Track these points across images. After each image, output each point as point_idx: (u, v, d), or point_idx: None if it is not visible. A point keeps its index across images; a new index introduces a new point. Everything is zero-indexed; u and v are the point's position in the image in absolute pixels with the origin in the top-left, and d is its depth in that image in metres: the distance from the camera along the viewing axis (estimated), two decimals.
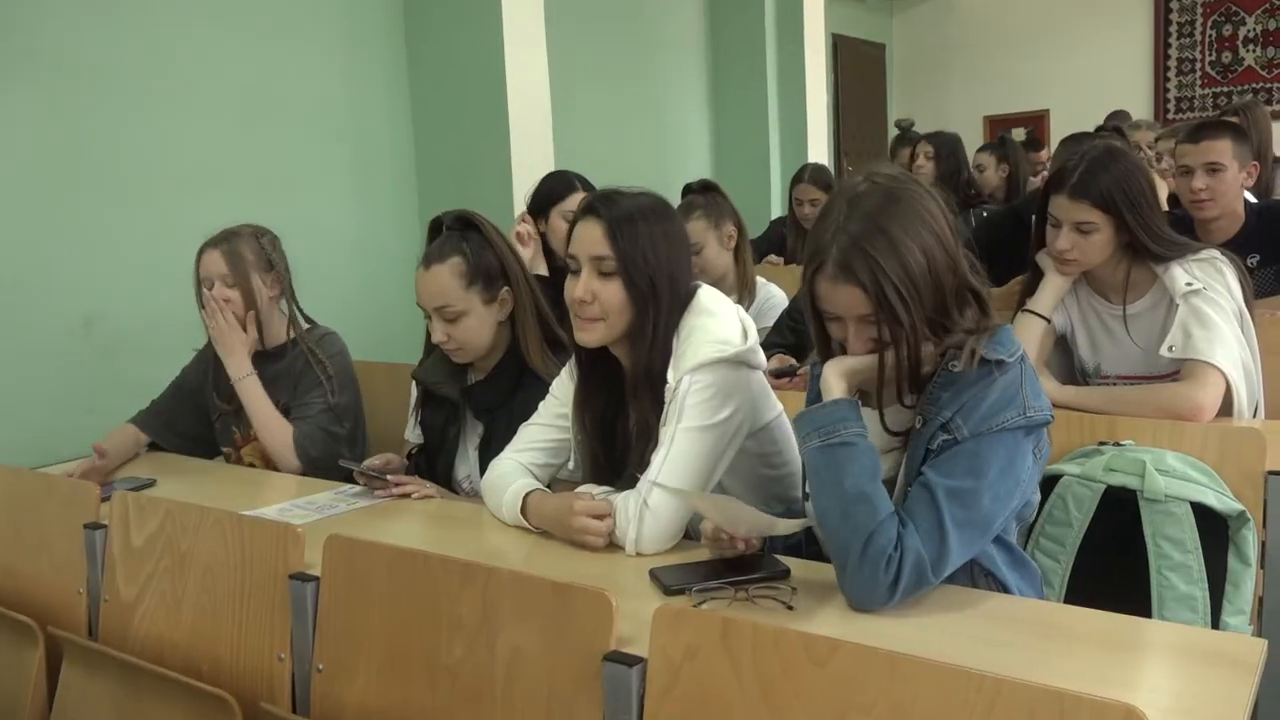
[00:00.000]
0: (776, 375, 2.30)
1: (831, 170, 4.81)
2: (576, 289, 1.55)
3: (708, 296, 1.60)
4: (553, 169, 3.92)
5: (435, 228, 1.99)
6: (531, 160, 3.80)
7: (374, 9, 3.73)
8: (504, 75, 3.73)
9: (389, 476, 1.87)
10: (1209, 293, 1.93)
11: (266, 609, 1.47)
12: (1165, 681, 1.07)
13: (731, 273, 2.78)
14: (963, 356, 1.27)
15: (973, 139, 7.00)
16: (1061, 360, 2.22)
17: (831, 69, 8.17)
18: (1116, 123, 5.79)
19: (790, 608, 1.26)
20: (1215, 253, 2.00)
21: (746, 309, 2.75)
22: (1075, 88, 8.31)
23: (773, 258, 4.27)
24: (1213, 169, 2.55)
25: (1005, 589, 1.32)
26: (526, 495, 1.62)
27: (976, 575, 1.31)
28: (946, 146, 4.36)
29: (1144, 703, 0.92)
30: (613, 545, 1.52)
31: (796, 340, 2.50)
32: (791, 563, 1.39)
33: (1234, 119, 4.16)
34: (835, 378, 1.32)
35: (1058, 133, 8.29)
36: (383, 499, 1.86)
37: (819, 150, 6.28)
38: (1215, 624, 1.47)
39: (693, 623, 1.11)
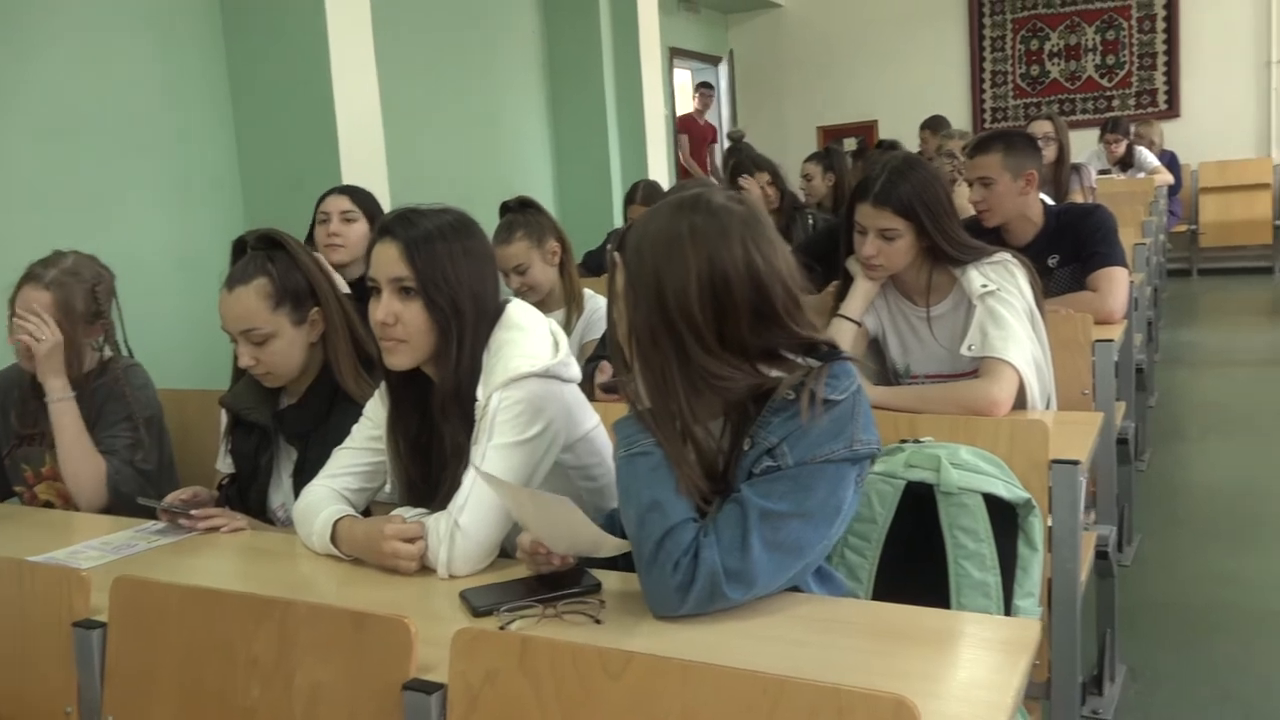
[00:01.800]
0: (606, 390, 2.30)
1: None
2: (378, 312, 1.52)
3: (516, 311, 1.59)
4: (386, 184, 3.84)
5: (239, 248, 1.91)
6: (363, 172, 3.70)
7: (188, 18, 3.58)
8: (330, 86, 3.63)
9: (194, 510, 1.78)
10: (1002, 293, 2.04)
11: (51, 660, 1.37)
12: (944, 669, 1.11)
13: (558, 288, 2.78)
14: (802, 398, 1.25)
15: (808, 148, 7.24)
16: (874, 361, 2.30)
17: (669, 81, 8.32)
18: (931, 128, 6.10)
19: (598, 622, 1.26)
20: (1007, 255, 2.12)
21: (575, 322, 2.77)
22: (901, 99, 8.70)
23: None
24: (985, 182, 2.71)
25: None
26: (336, 522, 1.57)
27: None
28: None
29: (920, 691, 0.96)
30: (428, 568, 1.49)
31: None
32: (608, 576, 1.39)
33: (1047, 123, 4.44)
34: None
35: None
36: (189, 534, 1.77)
37: (659, 161, 6.37)
38: (1008, 608, 1.54)
39: (492, 645, 1.10)
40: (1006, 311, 2.01)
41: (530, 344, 1.54)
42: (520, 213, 2.77)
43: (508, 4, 5.69)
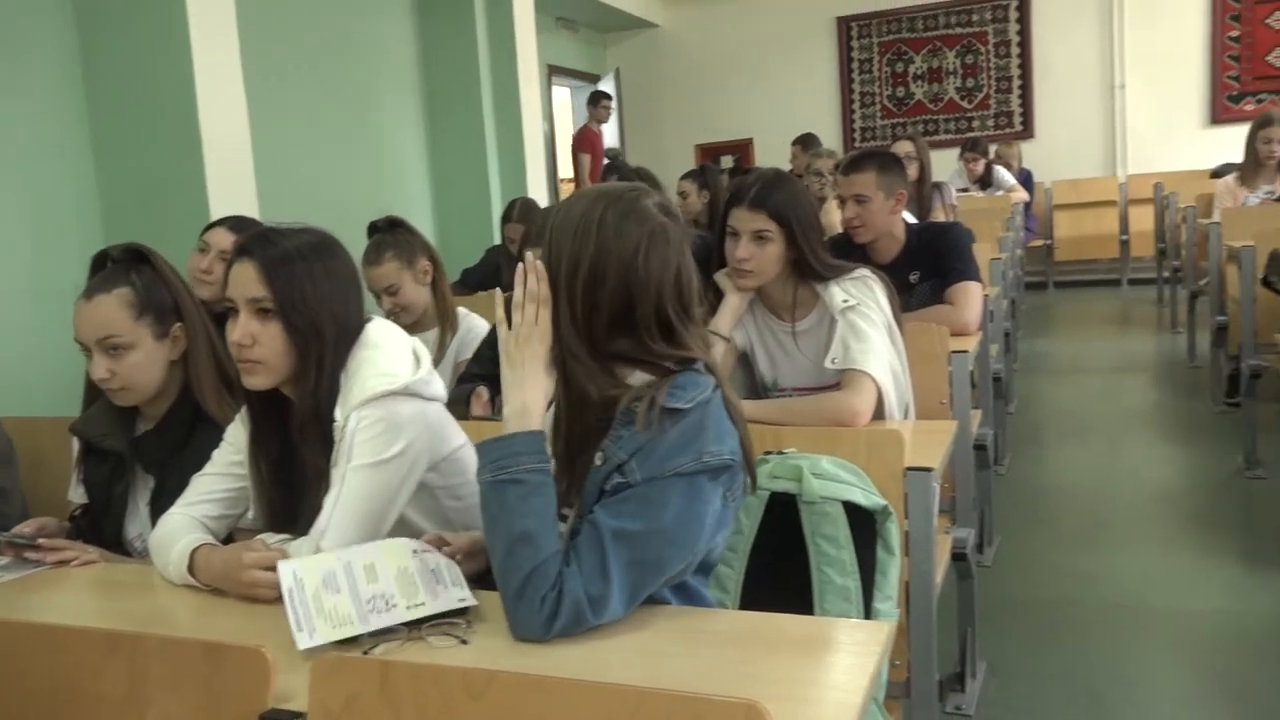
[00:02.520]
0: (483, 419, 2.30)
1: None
2: (235, 332, 1.49)
3: (375, 330, 1.57)
4: (255, 199, 3.74)
5: (100, 261, 1.84)
6: (231, 193, 3.60)
7: (42, 35, 3.42)
8: (195, 103, 3.52)
9: (42, 542, 1.70)
10: (862, 308, 2.12)
11: None
12: (800, 673, 1.14)
13: (432, 307, 2.76)
14: (643, 406, 1.27)
15: (686, 166, 7.34)
16: (744, 376, 2.36)
17: (548, 99, 8.32)
18: (802, 144, 6.28)
19: (465, 642, 1.26)
20: (867, 272, 2.20)
21: (449, 341, 2.75)
22: (776, 118, 8.92)
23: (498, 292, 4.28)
24: (860, 199, 2.82)
25: None
26: (194, 551, 1.52)
27: None
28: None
29: (775, 695, 0.99)
30: None
31: (495, 370, 2.50)
32: (477, 594, 1.38)
33: (908, 144, 4.61)
34: (533, 410, 1.31)
35: (761, 159, 8.88)
36: (37, 569, 1.69)
37: (538, 178, 6.37)
38: (868, 611, 1.60)
39: (352, 670, 1.08)
40: (866, 325, 2.09)
41: (388, 362, 1.53)
42: (389, 232, 2.73)
43: (382, 22, 5.63)
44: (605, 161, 7.16)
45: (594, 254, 1.29)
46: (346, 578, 1.34)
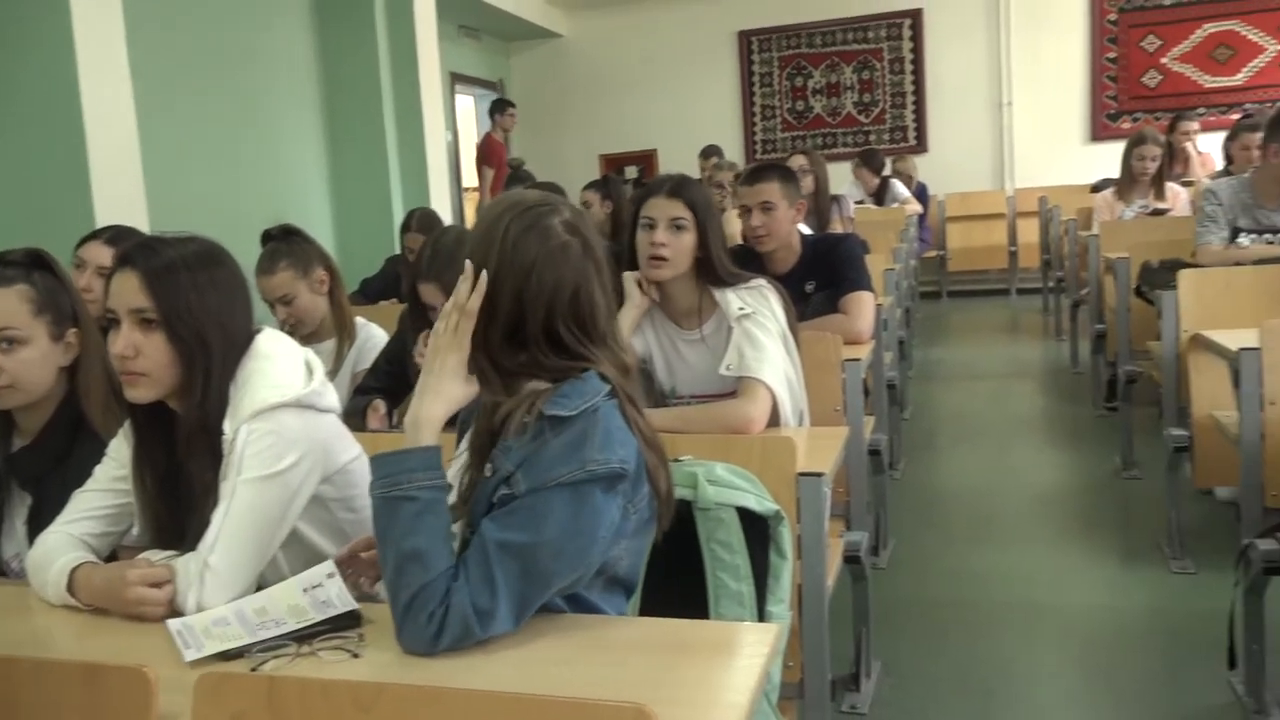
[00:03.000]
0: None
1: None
2: (117, 344, 1.44)
3: (265, 341, 1.55)
4: (145, 210, 3.62)
5: None
6: (119, 205, 3.48)
7: None
8: (80, 111, 3.40)
9: None
10: (758, 316, 2.17)
11: None
12: (691, 676, 1.17)
13: (329, 316, 2.72)
14: (518, 415, 1.28)
15: (590, 176, 7.36)
16: (644, 383, 2.38)
17: (451, 108, 8.26)
18: (705, 155, 6.37)
19: (356, 656, 1.25)
20: (762, 281, 2.25)
21: (347, 352, 2.72)
22: (679, 130, 9.01)
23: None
24: (766, 207, 2.88)
25: None
26: (74, 570, 1.47)
27: None
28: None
29: (664, 698, 1.01)
30: (178, 614, 1.42)
31: (392, 383, 2.49)
32: (370, 607, 1.37)
33: (802, 157, 4.71)
34: (426, 422, 1.29)
35: (665, 170, 8.95)
36: None
37: (440, 187, 6.32)
38: (761, 614, 1.63)
39: (238, 687, 1.07)
40: (761, 334, 2.13)
41: (279, 373, 1.50)
42: (284, 241, 2.69)
43: (279, 29, 5.52)
44: (509, 172, 7.13)
45: (494, 266, 1.30)
46: (236, 614, 1.34)
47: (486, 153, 7.73)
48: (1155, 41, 8.20)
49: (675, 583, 1.66)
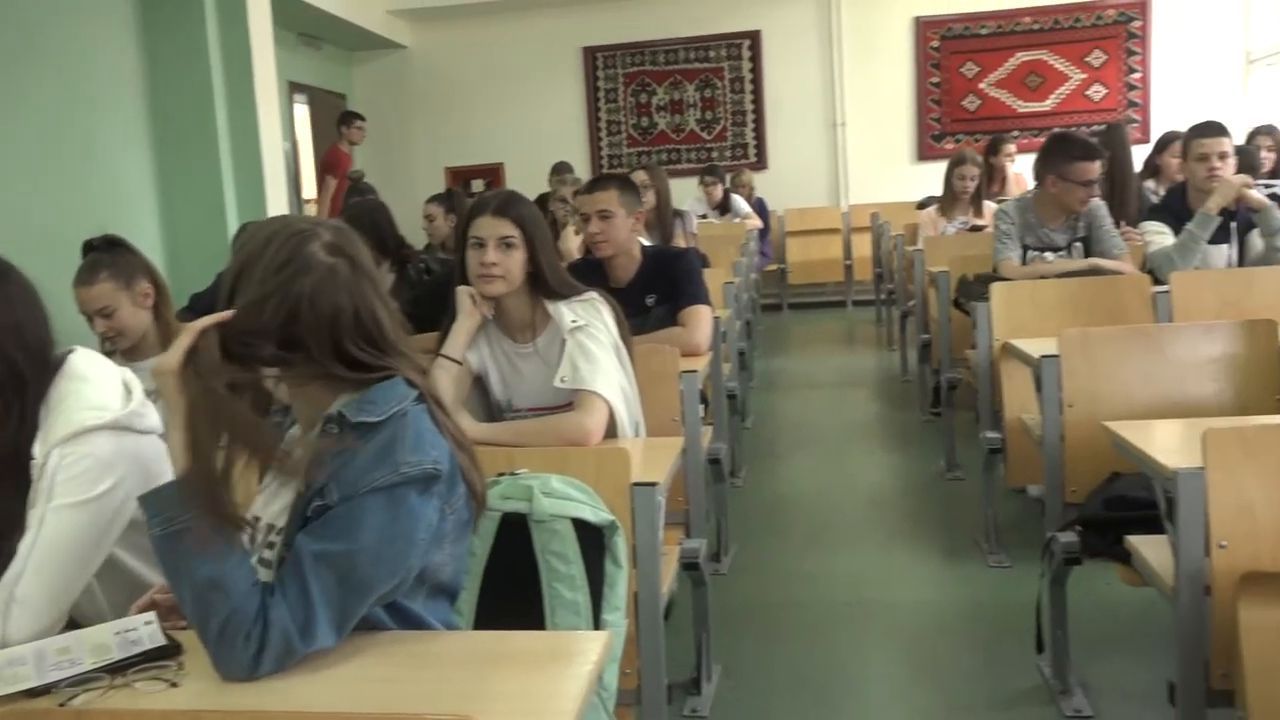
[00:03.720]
0: None
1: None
2: None
3: (79, 360, 1.48)
4: None
5: None
6: None
7: None
8: None
9: None
10: (590, 329, 2.20)
11: None
12: (519, 686, 1.18)
13: (153, 331, 2.61)
14: (317, 429, 1.27)
15: (436, 189, 7.27)
16: (480, 398, 2.39)
17: (290, 116, 8.03)
18: (558, 172, 6.40)
19: (175, 685, 1.21)
20: (595, 295, 2.29)
21: None
22: (526, 144, 9.02)
23: None
24: (604, 215, 2.95)
25: None
26: None
27: None
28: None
29: (489, 710, 1.03)
30: None
31: None
32: (189, 634, 1.33)
33: (644, 173, 4.79)
34: (174, 449, 1.24)
35: (512, 184, 8.94)
36: None
37: (279, 199, 6.12)
38: (597, 623, 1.66)
39: None
40: (594, 346, 2.17)
41: (95, 394, 1.44)
42: (106, 252, 2.56)
43: (98, 32, 5.24)
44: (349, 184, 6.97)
45: (261, 296, 1.26)
46: (35, 654, 1.24)
47: (331, 163, 7.54)
48: (974, 68, 8.73)
49: (511, 596, 1.68)
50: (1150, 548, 1.97)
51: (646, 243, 3.54)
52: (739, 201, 7.73)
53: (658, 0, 8.92)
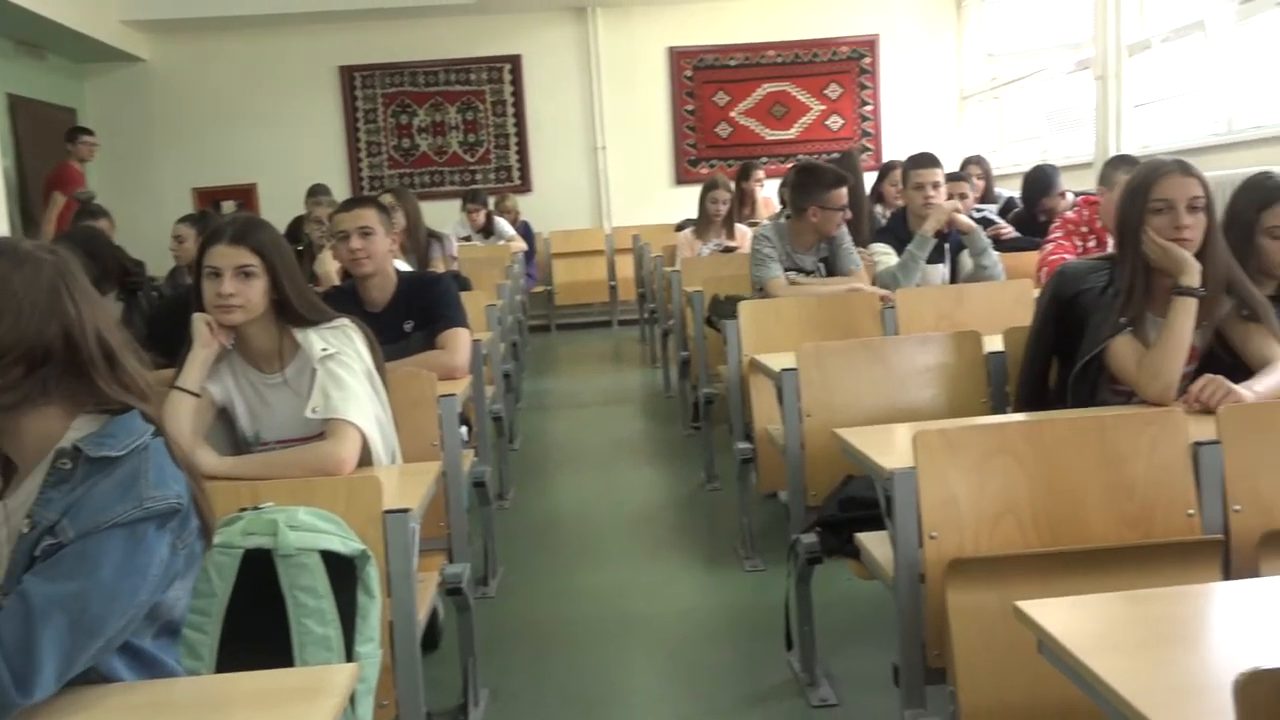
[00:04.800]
0: None
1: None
2: None
3: None
4: None
5: None
6: None
7: None
8: None
9: None
10: (342, 356, 2.16)
11: None
12: None
13: None
14: (55, 458, 1.22)
15: (184, 210, 6.87)
16: (225, 430, 2.28)
17: (11, 131, 7.35)
18: (313, 194, 6.18)
19: None
20: (346, 321, 2.25)
21: None
22: (281, 164, 8.68)
23: None
24: (364, 232, 2.91)
25: None
26: None
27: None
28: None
29: None
30: None
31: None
32: None
33: (390, 195, 4.72)
34: None
35: (266, 205, 8.58)
36: None
37: None
38: (350, 656, 1.63)
39: None
40: (346, 373, 2.13)
41: None
42: None
43: None
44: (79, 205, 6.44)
45: None
46: None
47: (59, 179, 6.96)
48: (725, 97, 9.18)
49: (257, 636, 1.63)
50: (875, 543, 2.14)
51: (405, 267, 3.52)
52: (503, 224, 7.76)
53: (417, 22, 8.82)
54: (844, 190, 3.96)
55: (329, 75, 8.97)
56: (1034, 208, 5.11)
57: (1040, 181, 5.15)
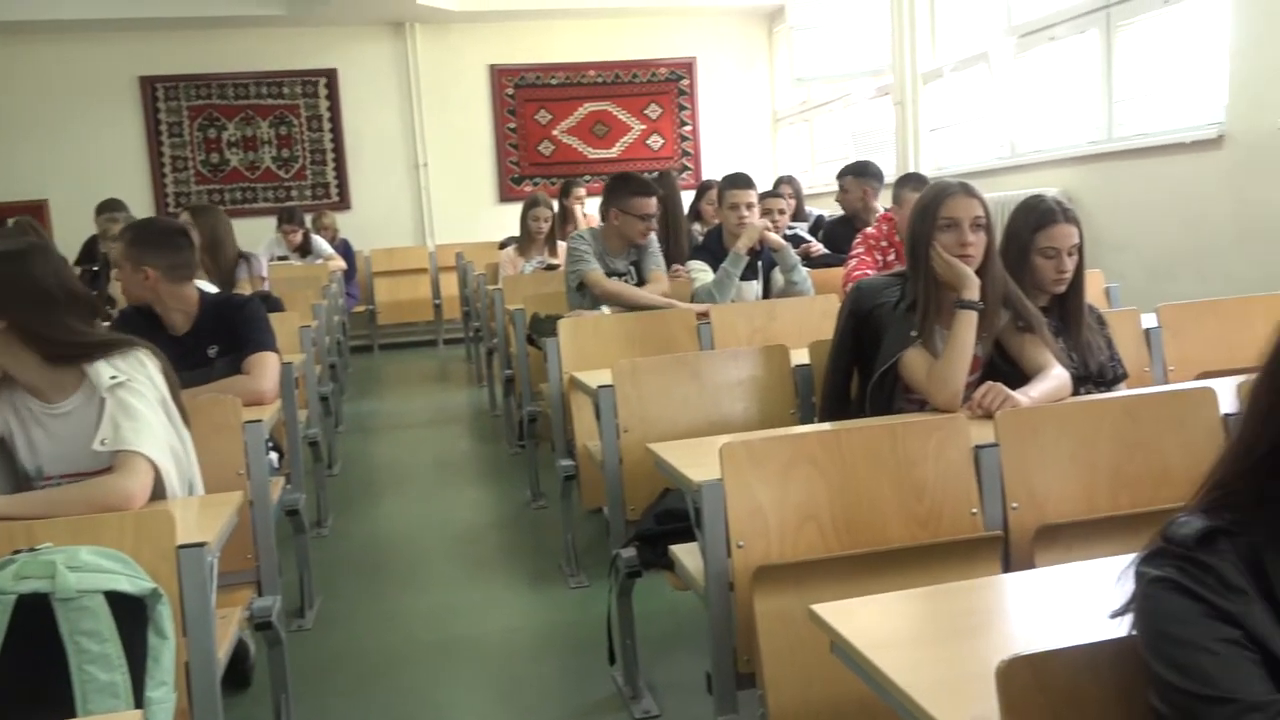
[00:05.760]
0: None
1: None
2: None
3: None
4: None
5: None
6: None
7: None
8: None
9: None
10: (133, 384, 2.04)
11: None
12: None
13: None
14: None
15: None
16: (6, 466, 2.12)
17: None
18: (103, 211, 5.81)
19: None
20: (138, 345, 2.12)
21: None
22: (76, 179, 8.16)
23: None
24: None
25: None
26: None
27: None
28: None
29: None
30: None
31: None
32: None
33: (186, 214, 4.49)
34: None
35: (59, 222, 8.04)
36: None
37: None
38: (139, 702, 1.54)
39: None
40: (138, 402, 2.01)
41: None
42: None
43: None
44: None
45: None
46: None
47: None
48: (547, 116, 9.22)
49: (34, 688, 1.52)
50: (687, 554, 2.19)
51: (209, 289, 3.37)
52: (320, 243, 7.53)
53: (225, 32, 8.46)
54: (648, 200, 4.08)
55: (128, 86, 8.49)
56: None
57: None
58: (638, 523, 2.67)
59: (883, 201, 5.16)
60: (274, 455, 3.17)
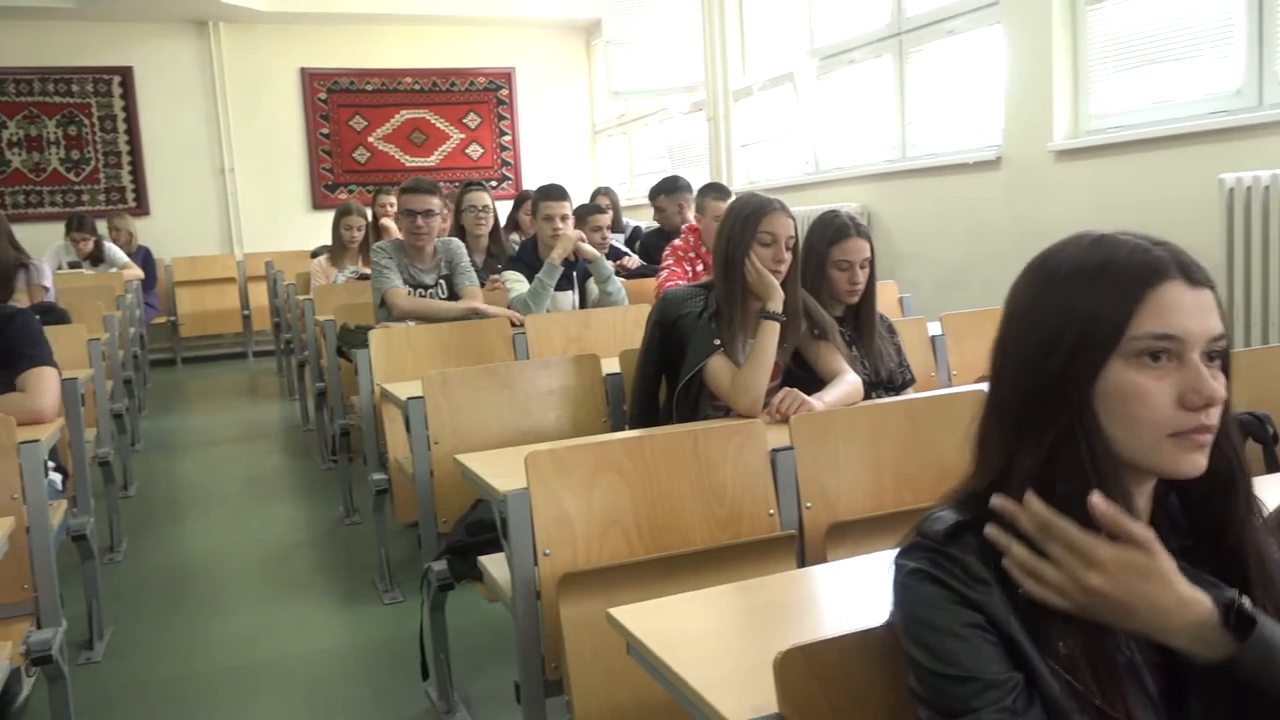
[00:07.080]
0: None
1: None
2: None
3: None
4: None
5: None
6: None
7: None
8: None
9: None
10: None
11: None
12: None
13: None
14: None
15: None
16: None
17: None
18: None
19: None
20: None
21: None
22: None
23: None
24: None
25: None
26: None
27: None
28: None
29: None
30: None
31: None
32: None
33: None
34: None
35: None
36: None
37: None
38: None
39: None
40: None
41: None
42: None
43: None
44: None
45: None
46: None
47: None
48: (362, 122, 9.01)
49: None
50: (495, 565, 2.19)
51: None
52: (114, 251, 7.09)
53: (5, 24, 7.85)
54: (428, 199, 4.09)
55: None
56: None
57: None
58: (450, 534, 2.65)
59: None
60: (57, 477, 2.96)
